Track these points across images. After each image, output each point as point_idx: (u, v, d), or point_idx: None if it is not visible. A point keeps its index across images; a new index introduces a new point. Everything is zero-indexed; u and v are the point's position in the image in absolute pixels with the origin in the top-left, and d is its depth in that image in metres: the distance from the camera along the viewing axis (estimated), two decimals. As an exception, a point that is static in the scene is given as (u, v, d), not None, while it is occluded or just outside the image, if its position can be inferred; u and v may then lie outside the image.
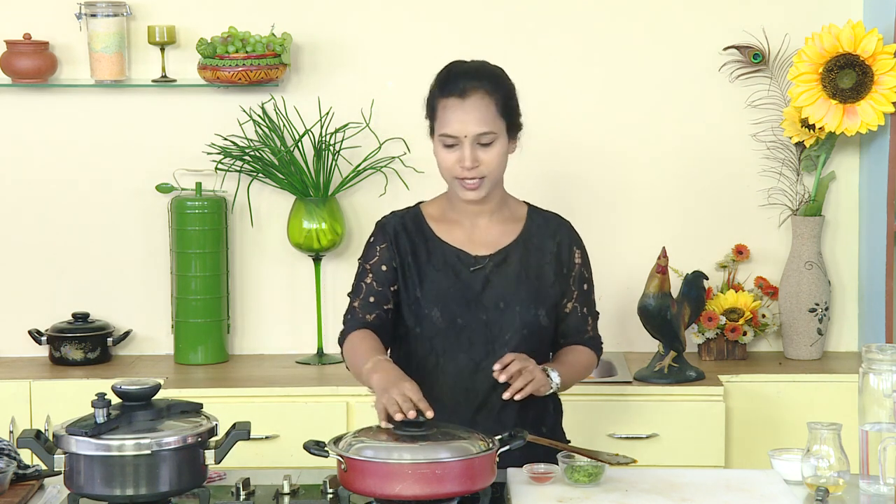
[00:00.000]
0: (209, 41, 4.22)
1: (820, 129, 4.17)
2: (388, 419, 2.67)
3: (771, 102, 4.33)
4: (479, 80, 2.94)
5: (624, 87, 4.36)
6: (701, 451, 3.93)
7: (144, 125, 4.37)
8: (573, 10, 4.34)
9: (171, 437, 2.56)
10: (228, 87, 4.27)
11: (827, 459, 2.74)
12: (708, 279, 4.18)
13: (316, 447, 2.65)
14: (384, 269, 3.03)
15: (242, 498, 2.71)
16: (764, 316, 4.29)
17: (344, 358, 3.01)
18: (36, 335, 4.32)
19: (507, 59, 3.21)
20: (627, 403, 3.98)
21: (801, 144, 4.29)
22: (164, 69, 4.30)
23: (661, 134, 4.38)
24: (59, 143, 4.37)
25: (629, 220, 4.38)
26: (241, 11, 4.32)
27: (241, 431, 2.66)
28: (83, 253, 4.40)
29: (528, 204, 3.12)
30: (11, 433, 3.33)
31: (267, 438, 3.92)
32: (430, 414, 2.68)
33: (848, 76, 4.08)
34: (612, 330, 4.26)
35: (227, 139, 4.32)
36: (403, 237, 3.04)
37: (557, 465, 2.80)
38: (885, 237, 4.12)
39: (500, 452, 2.67)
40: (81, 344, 4.26)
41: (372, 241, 3.07)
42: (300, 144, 4.29)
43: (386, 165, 4.31)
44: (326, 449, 2.64)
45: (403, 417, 2.64)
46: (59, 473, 2.62)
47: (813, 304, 4.25)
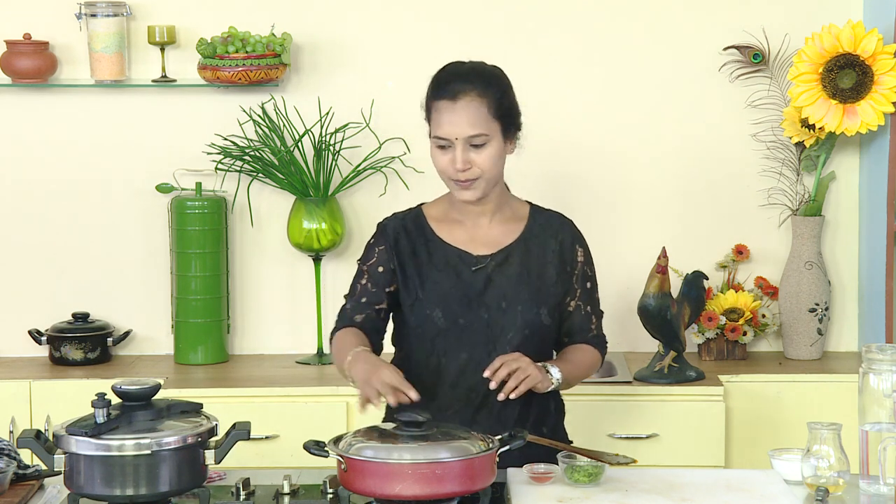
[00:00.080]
0: (209, 41, 4.22)
1: (820, 129, 4.17)
2: (380, 405, 2.74)
3: (771, 102, 4.33)
4: (470, 82, 2.94)
5: (624, 87, 4.36)
6: (701, 451, 3.92)
7: (144, 125, 4.37)
8: (573, 10, 4.34)
9: (171, 437, 2.56)
10: (228, 87, 4.27)
11: (827, 459, 2.74)
12: (708, 279, 4.17)
13: (316, 447, 2.65)
14: (381, 270, 3.04)
15: (242, 498, 2.71)
16: (764, 316, 4.29)
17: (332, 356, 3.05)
18: (36, 335, 4.32)
19: (507, 59, 3.21)
20: (627, 403, 3.98)
21: (801, 144, 4.29)
22: (164, 69, 4.30)
23: (661, 134, 4.37)
24: (59, 143, 4.37)
25: (629, 220, 4.38)
26: (241, 11, 4.32)
27: (241, 431, 2.66)
28: (83, 253, 4.40)
29: (530, 203, 3.12)
30: (11, 433, 3.34)
31: (267, 438, 3.92)
32: (413, 395, 2.72)
33: (848, 76, 4.08)
34: (612, 330, 4.20)
35: (227, 139, 4.32)
36: (404, 239, 3.05)
37: (557, 465, 2.81)
38: (885, 237, 4.12)
39: (500, 452, 2.67)
40: (81, 344, 4.26)
41: (371, 242, 3.08)
42: (300, 144, 4.29)
43: (386, 165, 4.31)
44: (326, 449, 2.64)
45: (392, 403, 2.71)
46: (59, 473, 2.62)
47: (813, 304, 4.24)
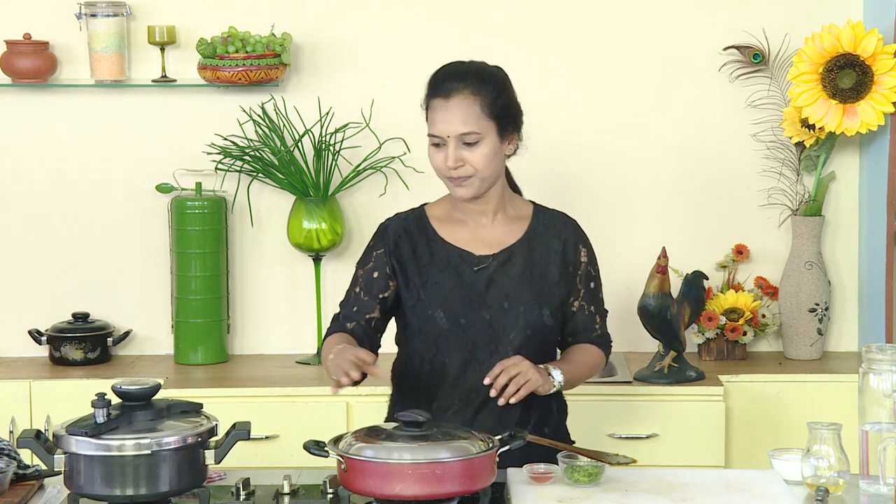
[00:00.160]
0: (209, 41, 4.22)
1: (820, 129, 4.17)
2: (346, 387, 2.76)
3: (771, 102, 4.33)
4: (463, 80, 2.94)
5: (624, 87, 4.36)
6: (701, 451, 3.93)
7: (144, 125, 4.37)
8: (573, 10, 4.34)
9: (171, 437, 2.56)
10: (228, 87, 4.27)
11: (827, 459, 2.73)
12: (708, 279, 4.17)
13: (316, 447, 2.65)
14: (375, 275, 3.04)
15: (242, 498, 2.70)
16: (764, 316, 4.29)
17: None
18: (36, 335, 4.32)
19: (507, 59, 3.21)
20: (627, 403, 3.98)
21: (801, 144, 4.29)
22: (164, 69, 4.30)
23: (661, 134, 4.37)
24: (59, 143, 4.37)
25: (629, 220, 4.38)
26: (241, 11, 4.32)
27: (241, 431, 2.66)
28: (83, 253, 4.40)
29: (534, 203, 3.12)
30: (11, 433, 3.34)
31: (267, 438, 3.92)
32: (374, 371, 2.73)
33: (848, 76, 4.08)
34: (612, 330, 4.15)
35: (227, 139, 4.32)
36: (405, 239, 3.05)
37: (557, 465, 2.81)
38: (885, 237, 4.12)
39: (500, 452, 2.67)
40: (81, 344, 4.26)
41: (370, 245, 3.08)
42: (300, 144, 4.29)
43: (386, 165, 4.31)
44: (326, 449, 2.64)
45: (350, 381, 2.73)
46: (59, 473, 2.62)
47: (813, 304, 4.24)
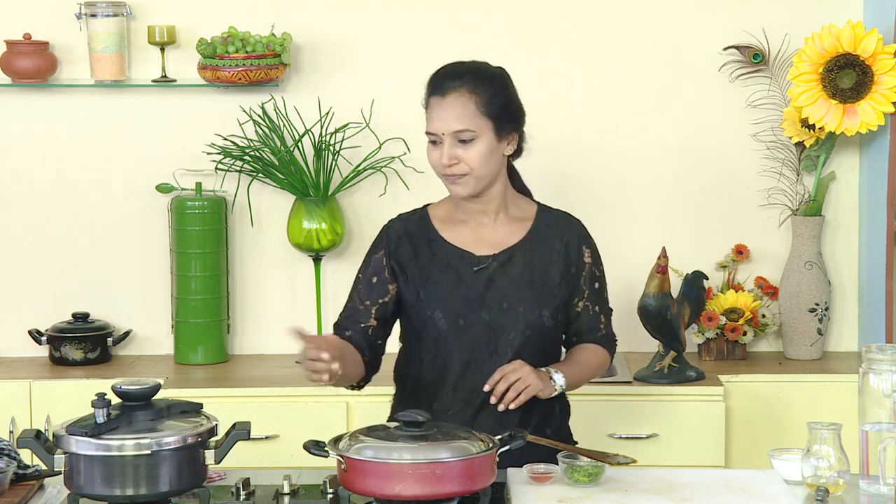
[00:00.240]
0: (209, 41, 4.22)
1: (820, 129, 4.17)
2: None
3: (771, 102, 4.33)
4: (461, 79, 2.95)
5: (624, 87, 4.36)
6: (701, 451, 3.93)
7: (144, 125, 4.37)
8: (573, 10, 4.34)
9: (171, 437, 2.56)
10: (228, 87, 4.27)
11: (827, 459, 2.73)
12: (708, 279, 4.17)
13: (316, 447, 2.65)
14: (374, 280, 3.05)
15: (242, 498, 2.70)
16: (764, 316, 4.29)
17: None
18: (36, 335, 4.32)
19: (507, 59, 3.21)
20: (627, 403, 3.98)
21: (801, 144, 4.29)
22: (164, 69, 4.30)
23: (661, 134, 4.37)
24: (59, 143, 4.37)
25: (629, 220, 4.38)
26: (241, 11, 4.32)
27: (241, 431, 2.66)
28: (83, 253, 4.40)
29: (539, 204, 3.12)
30: (11, 433, 3.34)
31: (267, 438, 3.92)
32: (325, 356, 2.70)
33: (848, 76, 4.08)
34: (612, 330, 4.26)
35: (227, 139, 4.32)
36: (406, 241, 3.05)
37: (557, 465, 2.80)
38: (885, 237, 4.12)
39: (500, 452, 2.67)
40: (81, 344, 4.26)
41: (371, 248, 3.09)
42: (300, 144, 4.29)
43: (386, 165, 4.31)
44: (326, 449, 2.64)
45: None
46: (59, 473, 2.62)
47: (813, 304, 4.24)
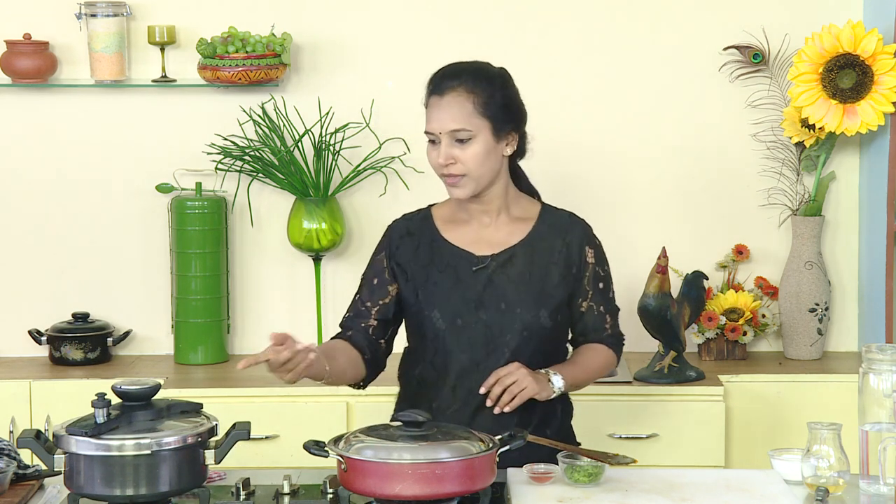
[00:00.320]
0: (209, 41, 4.22)
1: (820, 129, 4.17)
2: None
3: (771, 102, 4.33)
4: (458, 79, 2.96)
5: (624, 87, 4.36)
6: (701, 451, 3.92)
7: (144, 125, 4.37)
8: (573, 10, 4.34)
9: (171, 437, 2.56)
10: (228, 87, 4.27)
11: (827, 459, 2.73)
12: (708, 279, 4.17)
13: (316, 447, 2.65)
14: (375, 282, 3.07)
15: (242, 498, 2.70)
16: (764, 316, 4.29)
17: None
18: (36, 335, 4.31)
19: (507, 59, 3.21)
20: (627, 403, 3.98)
21: (801, 144, 4.29)
22: (164, 69, 4.30)
23: (661, 134, 4.37)
24: (59, 143, 4.37)
25: (629, 220, 4.38)
26: (241, 11, 4.32)
27: (241, 431, 2.66)
28: (83, 253, 4.40)
29: (543, 204, 3.12)
30: (11, 433, 3.34)
31: (267, 438, 3.92)
32: (262, 356, 2.70)
33: (848, 76, 4.08)
34: (612, 330, 4.26)
35: (227, 139, 4.32)
36: (407, 240, 3.06)
37: (557, 465, 2.80)
38: (885, 237, 4.12)
39: (500, 452, 2.67)
40: (81, 344, 4.26)
41: (376, 248, 3.12)
42: (300, 144, 4.29)
43: (386, 165, 4.31)
44: (326, 449, 2.64)
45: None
46: (59, 473, 2.62)
47: (813, 304, 4.24)
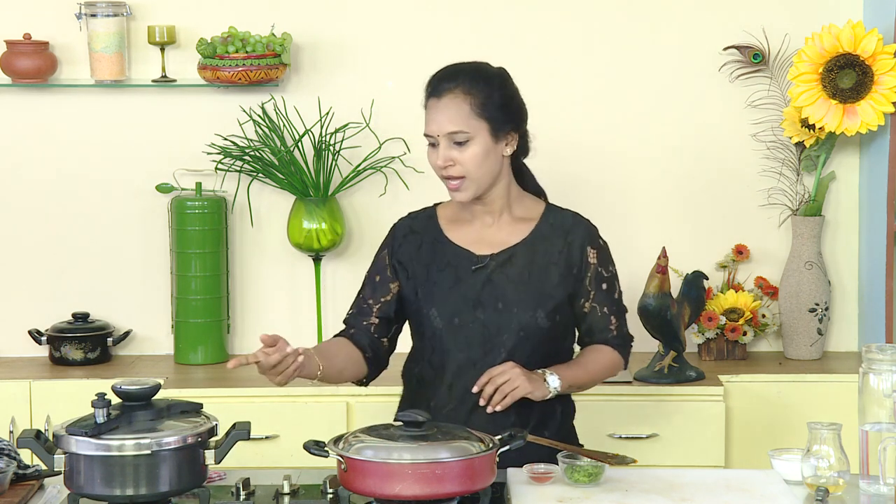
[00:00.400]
0: (209, 41, 4.22)
1: (820, 129, 4.17)
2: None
3: (771, 102, 4.33)
4: (455, 80, 2.95)
5: (624, 86, 4.36)
6: (701, 451, 3.92)
7: (144, 125, 4.36)
8: (573, 10, 4.34)
9: (171, 437, 2.56)
10: (228, 87, 4.27)
11: (827, 459, 2.73)
12: (708, 279, 4.17)
13: (316, 447, 2.65)
14: (377, 279, 3.09)
15: (242, 498, 2.70)
16: (764, 316, 4.29)
17: None
18: (36, 335, 4.32)
19: (507, 59, 3.21)
20: (627, 403, 3.98)
21: (801, 144, 4.29)
22: (164, 69, 4.30)
23: (661, 134, 4.37)
24: (59, 143, 4.37)
25: (629, 220, 4.38)
26: (241, 11, 4.32)
27: (241, 431, 2.66)
28: (83, 253, 4.40)
29: (548, 204, 3.12)
30: (11, 433, 3.33)
31: (267, 438, 3.92)
32: (260, 356, 2.88)
33: (848, 76, 4.08)
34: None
35: (227, 139, 4.32)
36: (410, 239, 3.07)
37: (557, 465, 2.80)
38: (885, 237, 4.12)
39: (499, 452, 2.67)
40: (81, 344, 4.26)
41: (380, 246, 3.13)
42: (300, 144, 4.29)
43: (386, 165, 4.31)
44: (326, 449, 2.64)
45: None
46: (59, 473, 2.62)
47: (813, 304, 4.24)
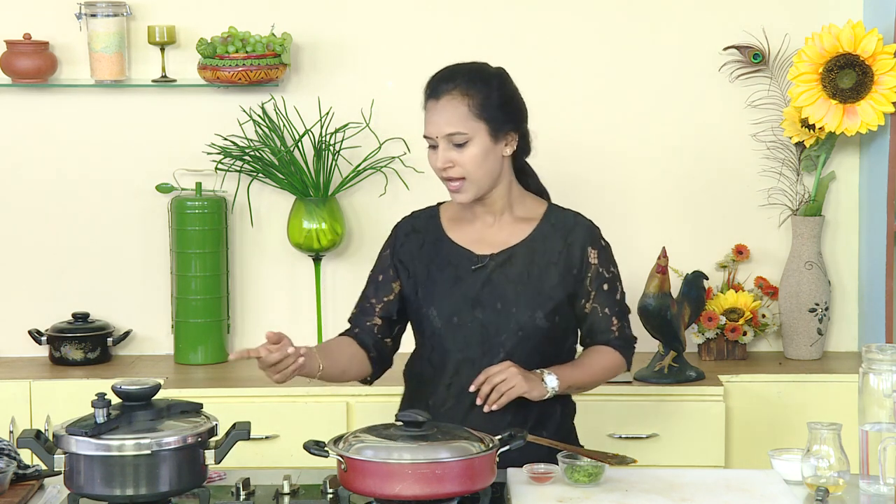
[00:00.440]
0: (209, 41, 4.22)
1: (820, 129, 4.17)
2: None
3: (771, 102, 4.33)
4: (453, 81, 2.95)
5: (624, 86, 4.36)
6: (701, 451, 3.92)
7: (144, 125, 4.36)
8: (573, 10, 4.34)
9: (171, 437, 2.56)
10: (228, 87, 4.27)
11: (827, 459, 2.73)
12: (708, 279, 4.17)
13: (316, 447, 2.65)
14: (380, 279, 3.10)
15: (242, 498, 2.71)
16: (764, 316, 4.29)
17: None
18: (36, 335, 4.31)
19: (507, 59, 3.21)
20: (627, 403, 3.98)
21: (801, 144, 4.29)
22: (164, 69, 4.30)
23: (661, 134, 4.37)
24: (59, 143, 4.37)
25: (629, 220, 4.38)
26: (241, 11, 4.32)
27: (241, 431, 2.66)
28: (83, 253, 4.40)
29: (550, 204, 3.12)
30: (11, 433, 3.33)
31: (267, 438, 3.92)
32: (262, 352, 2.91)
33: (848, 76, 4.08)
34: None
35: (227, 139, 4.32)
36: (412, 238, 3.08)
37: (557, 465, 2.80)
38: (885, 237, 4.12)
39: (499, 452, 2.67)
40: (81, 344, 4.26)
41: (383, 245, 3.14)
42: (300, 144, 4.29)
43: (386, 165, 4.31)
44: (326, 449, 2.64)
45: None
46: (59, 473, 2.62)
47: (813, 304, 4.24)
